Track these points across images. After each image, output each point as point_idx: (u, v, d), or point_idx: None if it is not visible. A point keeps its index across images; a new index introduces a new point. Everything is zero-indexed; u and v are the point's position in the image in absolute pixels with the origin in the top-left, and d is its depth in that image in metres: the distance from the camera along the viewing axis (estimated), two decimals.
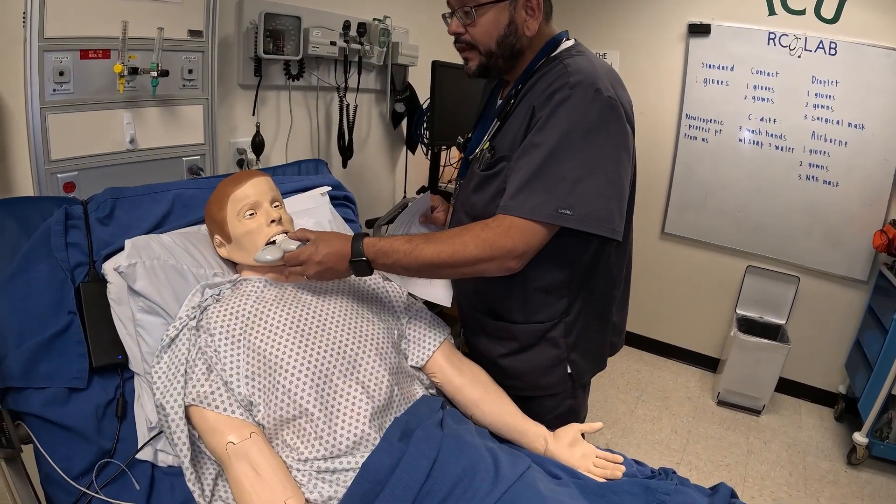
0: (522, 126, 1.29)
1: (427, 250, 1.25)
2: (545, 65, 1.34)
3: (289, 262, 1.29)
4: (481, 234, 1.24)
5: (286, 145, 2.53)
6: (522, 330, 1.46)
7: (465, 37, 1.33)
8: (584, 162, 1.21)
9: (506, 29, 1.31)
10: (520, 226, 1.23)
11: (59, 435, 1.20)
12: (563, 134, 1.21)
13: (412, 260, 1.26)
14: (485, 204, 1.37)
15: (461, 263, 1.25)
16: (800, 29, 3.29)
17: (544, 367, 1.48)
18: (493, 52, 1.33)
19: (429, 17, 3.23)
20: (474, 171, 1.43)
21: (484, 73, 1.37)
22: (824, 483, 2.86)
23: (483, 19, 1.29)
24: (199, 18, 1.94)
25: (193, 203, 1.62)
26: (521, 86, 1.37)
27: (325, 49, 2.40)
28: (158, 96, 1.85)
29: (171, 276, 1.38)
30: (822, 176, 3.37)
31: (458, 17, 1.31)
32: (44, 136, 1.64)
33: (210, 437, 1.15)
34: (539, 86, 1.30)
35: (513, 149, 1.31)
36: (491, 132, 1.42)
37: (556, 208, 1.21)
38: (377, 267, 1.29)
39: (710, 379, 3.83)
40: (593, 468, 1.27)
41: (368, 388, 1.22)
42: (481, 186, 1.39)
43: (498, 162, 1.35)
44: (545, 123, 1.23)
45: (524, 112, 1.30)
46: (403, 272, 1.31)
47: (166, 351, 1.24)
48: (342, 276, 1.33)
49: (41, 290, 1.31)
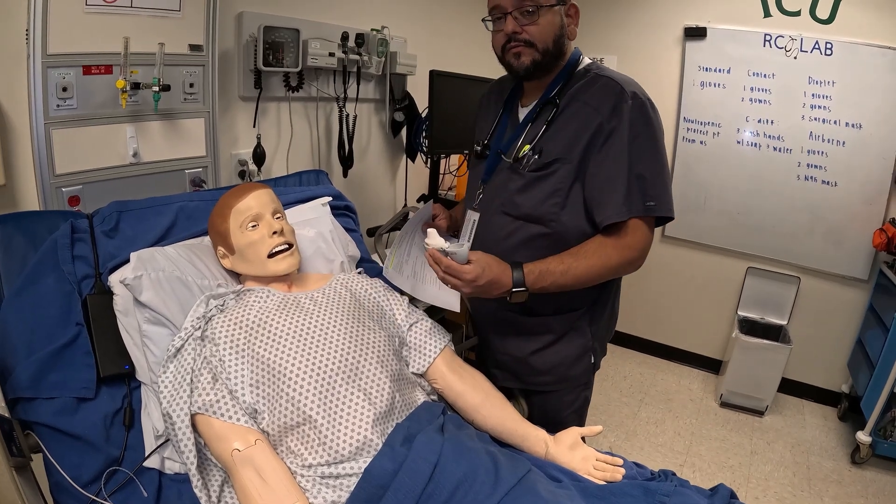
0: (584, 133, 1.40)
1: (579, 267, 1.39)
2: (580, 76, 1.48)
3: (449, 271, 1.34)
4: (618, 242, 1.40)
5: (287, 156, 2.54)
6: (557, 321, 1.56)
7: (522, 35, 1.41)
8: (654, 160, 1.40)
9: (559, 31, 1.44)
10: (637, 225, 1.40)
11: (68, 444, 1.21)
12: (636, 140, 1.38)
13: (568, 279, 1.39)
14: (538, 203, 1.46)
15: (609, 272, 1.43)
16: (795, 30, 3.31)
17: (573, 357, 1.59)
18: (549, 51, 1.44)
19: (426, 26, 3.25)
20: (517, 173, 1.49)
21: (536, 69, 1.45)
22: (828, 482, 2.86)
23: (544, 19, 1.40)
24: (199, 33, 1.96)
25: (197, 215, 1.64)
26: (554, 92, 1.48)
27: (323, 60, 2.42)
28: (160, 110, 1.87)
29: (176, 287, 1.40)
30: (820, 176, 3.39)
31: (516, 17, 1.40)
32: (48, 151, 1.66)
33: (216, 445, 1.17)
34: (589, 96, 1.43)
35: (568, 152, 1.42)
36: (533, 136, 1.48)
37: (644, 202, 1.39)
38: (533, 291, 1.39)
39: (712, 380, 3.83)
40: (593, 471, 1.29)
41: (370, 395, 1.24)
42: (530, 187, 1.47)
43: (552, 163, 1.43)
44: (621, 133, 1.38)
45: (580, 120, 1.42)
46: (557, 290, 1.41)
47: (172, 361, 1.26)
48: (493, 297, 1.40)
49: (49, 302, 1.33)
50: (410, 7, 3.13)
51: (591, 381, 1.69)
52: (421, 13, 3.22)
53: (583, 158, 1.41)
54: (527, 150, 1.47)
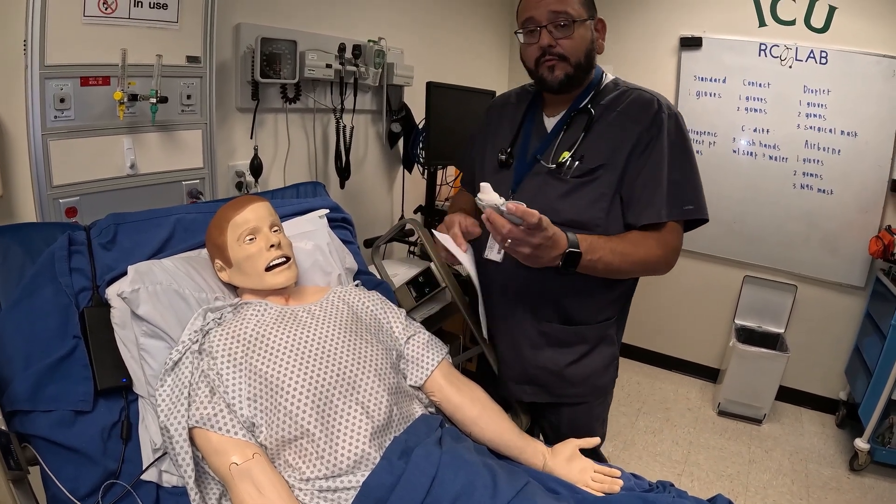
0: (625, 141, 1.45)
1: (625, 249, 1.42)
2: (610, 88, 1.54)
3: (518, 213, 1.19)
4: (660, 238, 1.46)
5: (284, 167, 2.55)
6: (591, 330, 1.58)
7: (556, 49, 1.44)
8: (690, 167, 1.47)
9: (590, 45, 1.48)
10: (674, 227, 1.47)
11: (66, 456, 1.21)
12: (674, 149, 1.44)
13: (616, 259, 1.40)
14: (583, 209, 1.47)
15: (646, 265, 1.47)
16: (790, 39, 3.32)
17: (602, 367, 1.62)
18: (581, 65, 1.47)
19: (423, 37, 3.26)
20: (559, 179, 1.50)
21: (569, 83, 1.48)
22: (827, 490, 2.86)
23: (577, 33, 1.43)
24: (196, 44, 1.97)
25: (194, 227, 1.64)
26: (585, 103, 1.52)
27: (321, 71, 2.43)
28: (158, 122, 1.88)
29: (174, 300, 1.40)
30: (816, 184, 3.40)
31: (550, 30, 1.42)
32: (46, 162, 1.66)
33: (214, 458, 1.16)
34: (625, 108, 1.48)
35: (611, 159, 1.45)
36: (571, 143, 1.50)
37: (682, 206, 1.45)
38: (583, 262, 1.35)
39: (710, 389, 3.83)
40: (591, 483, 1.30)
41: (368, 409, 1.23)
42: (573, 192, 1.48)
43: (596, 169, 1.46)
44: (661, 142, 1.44)
45: (620, 129, 1.46)
46: (603, 268, 1.40)
47: (170, 374, 1.25)
48: (544, 264, 1.32)
49: (46, 314, 1.33)
50: (407, 18, 3.14)
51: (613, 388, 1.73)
52: (418, 24, 3.23)
53: (625, 165, 1.44)
54: (566, 157, 1.48)
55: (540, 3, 1.42)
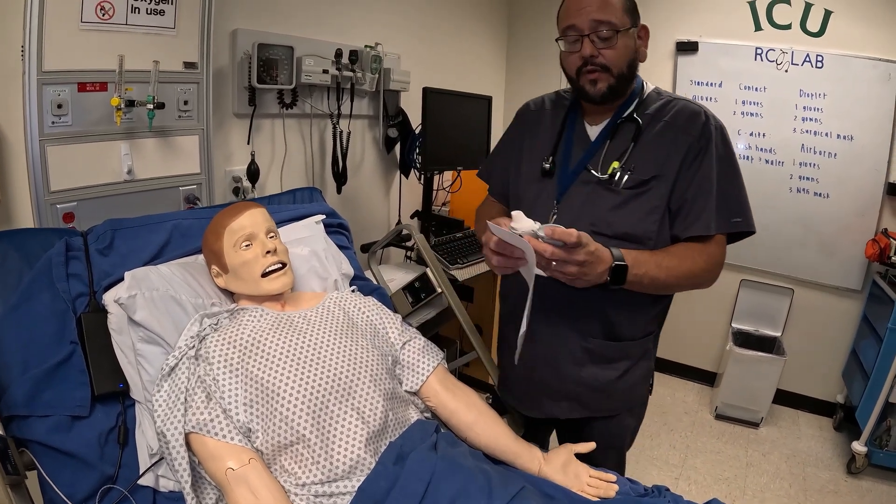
0: (676, 152, 1.40)
1: (670, 263, 1.38)
2: (654, 98, 1.49)
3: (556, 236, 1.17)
4: (704, 251, 1.42)
5: (281, 172, 2.56)
6: (636, 346, 1.55)
7: (598, 59, 1.38)
8: (738, 180, 1.45)
9: (633, 54, 1.42)
10: (720, 240, 1.44)
11: (63, 461, 1.22)
12: (722, 160, 1.42)
13: (661, 273, 1.35)
14: (637, 221, 1.41)
15: (691, 279, 1.42)
16: (786, 43, 3.33)
17: (640, 381, 1.60)
18: (624, 75, 1.41)
19: (420, 42, 3.28)
20: (610, 190, 1.43)
21: (612, 94, 1.42)
22: (825, 493, 2.86)
23: (620, 43, 1.37)
24: (193, 50, 1.98)
25: (191, 233, 1.65)
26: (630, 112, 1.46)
27: (317, 77, 2.44)
28: (155, 127, 1.88)
29: (170, 306, 1.41)
30: (812, 188, 3.40)
31: (593, 40, 1.36)
32: (43, 168, 1.67)
33: (210, 464, 1.17)
34: (672, 118, 1.43)
35: (663, 170, 1.40)
36: (619, 153, 1.44)
37: (730, 219, 1.42)
38: (630, 276, 1.30)
39: (707, 393, 3.83)
40: (587, 488, 1.30)
41: (363, 414, 1.24)
42: (626, 204, 1.42)
43: (649, 181, 1.41)
44: (710, 154, 1.41)
45: (670, 139, 1.41)
46: (649, 283, 1.35)
47: (166, 380, 1.26)
48: (592, 281, 1.27)
49: (44, 320, 1.34)
50: (404, 23, 3.15)
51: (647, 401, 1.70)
52: (415, 29, 3.25)
53: (675, 177, 1.41)
54: (616, 167, 1.43)
55: (582, 11, 1.36)
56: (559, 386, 1.56)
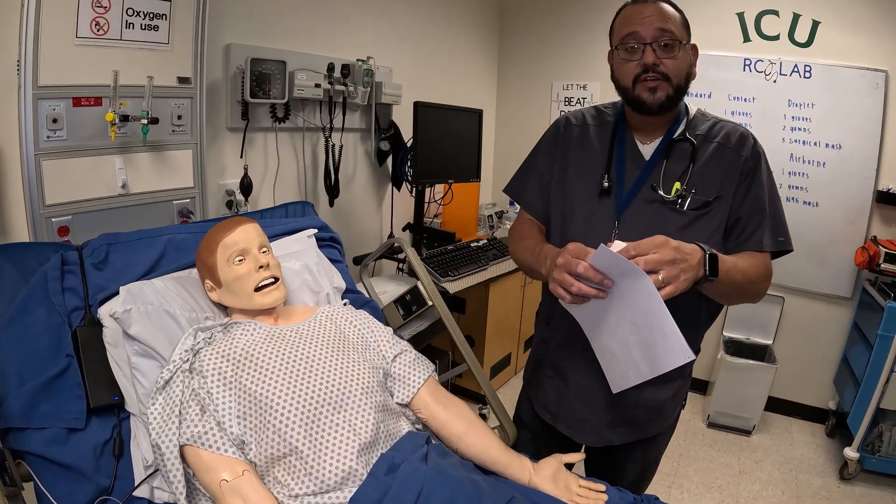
0: (733, 172, 1.40)
1: (744, 266, 1.35)
2: (700, 118, 1.48)
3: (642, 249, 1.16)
4: (764, 261, 1.42)
5: (274, 186, 2.58)
6: (690, 364, 1.46)
7: (660, 68, 1.36)
8: (779, 199, 1.45)
9: (689, 68, 1.41)
10: (768, 258, 1.43)
11: (59, 473, 1.23)
12: (768, 180, 1.43)
13: (737, 275, 1.31)
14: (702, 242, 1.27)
15: (754, 285, 1.40)
16: (774, 54, 3.38)
17: (679, 397, 1.60)
18: (682, 87, 1.40)
19: (411, 55, 3.31)
20: (676, 211, 1.40)
21: (669, 104, 1.39)
22: (817, 499, 2.88)
23: (681, 54, 1.37)
24: (187, 65, 2.00)
25: (185, 247, 1.66)
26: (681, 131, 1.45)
27: (310, 91, 2.46)
28: (149, 142, 1.90)
29: (165, 320, 1.42)
30: (802, 197, 3.44)
31: (654, 49, 1.35)
32: (38, 182, 1.69)
33: (204, 475, 1.18)
34: (723, 138, 1.43)
35: (723, 191, 1.40)
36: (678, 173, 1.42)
37: (777, 237, 1.42)
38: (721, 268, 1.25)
39: (699, 401, 3.84)
40: (577, 498, 1.31)
41: (355, 426, 1.25)
42: (692, 226, 1.39)
43: (712, 202, 1.39)
44: (759, 174, 1.41)
45: (726, 159, 1.41)
46: (726, 281, 1.27)
47: (161, 393, 1.27)
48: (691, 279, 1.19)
49: (39, 333, 1.35)
50: (396, 37, 3.18)
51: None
52: (406, 43, 3.28)
53: (733, 197, 1.40)
54: (679, 188, 1.40)
55: (645, 19, 1.35)
56: (619, 409, 1.51)
